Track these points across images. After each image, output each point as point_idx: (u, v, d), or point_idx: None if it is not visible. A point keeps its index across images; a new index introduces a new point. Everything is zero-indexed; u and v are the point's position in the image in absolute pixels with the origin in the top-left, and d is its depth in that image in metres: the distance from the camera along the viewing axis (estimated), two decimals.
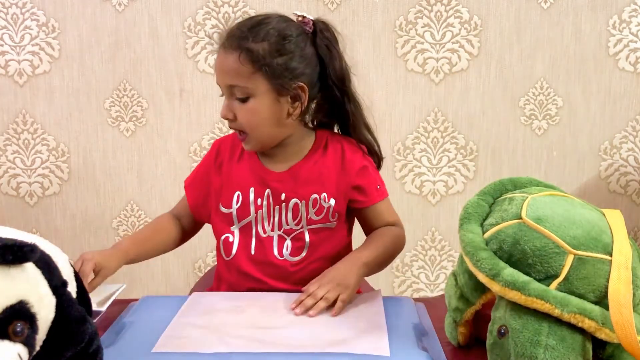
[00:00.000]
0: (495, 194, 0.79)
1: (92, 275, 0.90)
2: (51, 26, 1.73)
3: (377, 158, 1.06)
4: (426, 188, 1.80)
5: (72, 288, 0.63)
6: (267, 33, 0.93)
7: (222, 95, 0.96)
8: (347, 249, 1.05)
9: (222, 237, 1.01)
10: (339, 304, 0.84)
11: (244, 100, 0.92)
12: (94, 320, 0.63)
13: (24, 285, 0.52)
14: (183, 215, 1.08)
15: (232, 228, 1.01)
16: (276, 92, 0.93)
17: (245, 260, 1.00)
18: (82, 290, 0.68)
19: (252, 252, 0.99)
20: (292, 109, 0.95)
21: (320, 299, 0.85)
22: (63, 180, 1.82)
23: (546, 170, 1.79)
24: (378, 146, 1.07)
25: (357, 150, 1.03)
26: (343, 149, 1.01)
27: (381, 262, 0.98)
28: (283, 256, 0.99)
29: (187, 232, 1.10)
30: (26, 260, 0.52)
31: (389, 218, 1.03)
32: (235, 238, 1.00)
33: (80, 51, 1.74)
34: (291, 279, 0.99)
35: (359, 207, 1.01)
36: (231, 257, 1.01)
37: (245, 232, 1.00)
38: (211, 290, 1.10)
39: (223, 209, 1.01)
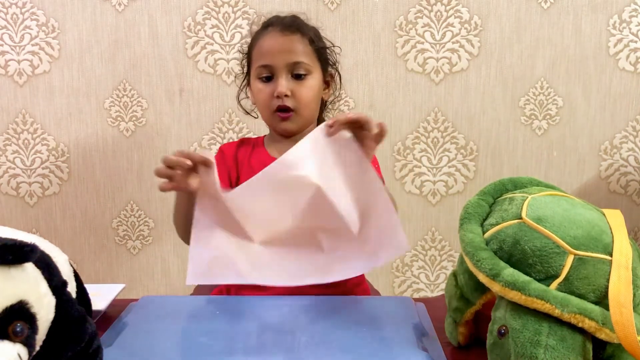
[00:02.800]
0: (496, 194, 0.79)
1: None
2: (51, 26, 1.73)
3: None
4: (426, 188, 1.80)
5: (72, 288, 0.63)
6: (309, 25, 1.07)
7: (267, 78, 1.02)
8: None
9: None
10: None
11: (301, 78, 1.01)
12: (94, 320, 0.63)
13: (24, 285, 0.52)
14: None
15: None
16: (322, 74, 1.06)
17: None
18: (82, 290, 0.68)
19: None
20: (324, 93, 1.09)
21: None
22: (63, 180, 1.82)
23: (546, 170, 1.79)
24: None
25: None
26: None
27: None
28: None
29: None
30: (26, 260, 0.53)
31: None
32: None
33: (80, 51, 1.74)
34: None
35: None
36: None
37: None
38: (220, 290, 1.10)
39: None
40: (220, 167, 1.08)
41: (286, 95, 0.99)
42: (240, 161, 1.10)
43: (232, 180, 1.09)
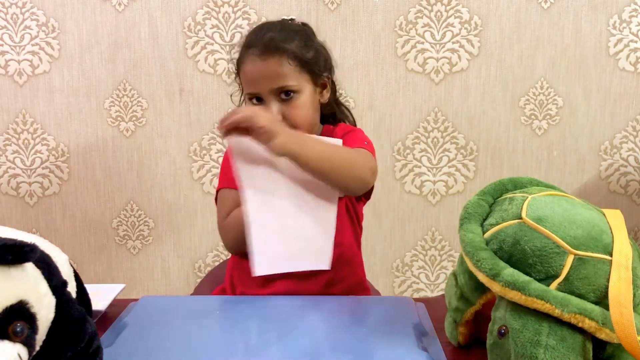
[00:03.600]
0: (496, 194, 0.79)
1: None
2: (51, 26, 1.73)
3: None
4: (426, 188, 1.80)
5: (72, 288, 0.63)
6: (293, 32, 1.01)
7: (256, 101, 0.98)
8: (359, 234, 1.11)
9: None
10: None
11: (290, 98, 0.97)
12: (94, 320, 0.63)
13: (24, 285, 0.52)
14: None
15: None
16: (313, 83, 1.01)
17: None
18: (82, 290, 0.68)
19: None
20: (321, 96, 1.05)
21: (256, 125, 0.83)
22: (63, 180, 1.82)
23: (546, 170, 1.79)
24: (353, 118, 1.18)
25: (355, 128, 1.09)
26: (345, 132, 1.07)
27: (323, 159, 0.89)
28: None
29: None
30: (26, 260, 0.53)
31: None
32: None
33: (80, 51, 1.74)
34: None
35: None
36: None
37: None
38: (223, 289, 1.10)
39: None
40: (229, 169, 1.07)
41: (279, 120, 0.96)
42: None
43: None
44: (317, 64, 1.02)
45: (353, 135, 1.05)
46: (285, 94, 0.97)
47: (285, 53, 0.97)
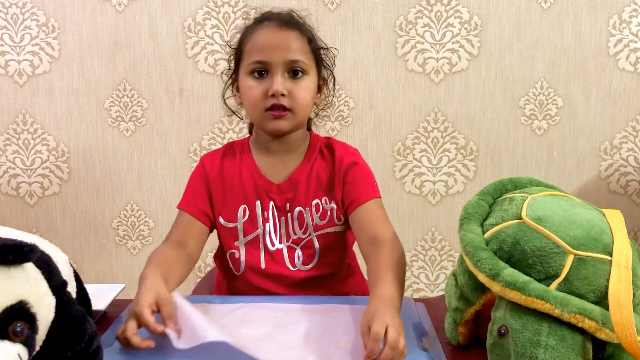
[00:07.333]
0: (495, 194, 0.79)
1: (151, 318, 0.76)
2: (51, 26, 1.73)
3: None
4: (426, 188, 1.80)
5: (72, 288, 0.63)
6: (306, 23, 0.99)
7: (261, 74, 0.93)
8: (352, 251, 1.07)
9: (228, 253, 1.00)
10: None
11: (298, 77, 0.94)
12: (94, 320, 0.63)
13: (24, 285, 0.52)
14: (184, 238, 1.01)
15: (236, 243, 0.99)
16: (318, 75, 0.99)
17: (255, 275, 0.98)
18: (82, 290, 0.68)
19: (263, 267, 0.98)
20: (316, 98, 1.01)
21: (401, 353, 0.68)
22: (63, 180, 1.82)
23: (546, 170, 1.79)
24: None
25: (348, 149, 1.02)
26: (333, 149, 1.01)
27: (402, 292, 0.84)
28: (296, 266, 0.98)
29: (191, 257, 1.00)
30: (26, 260, 0.53)
31: (381, 223, 0.93)
32: (241, 254, 0.99)
33: (80, 51, 1.74)
34: (305, 286, 0.98)
35: (352, 208, 0.95)
36: (240, 272, 0.99)
37: (252, 246, 0.98)
38: (221, 291, 1.09)
39: (225, 223, 0.99)
40: (199, 185, 1.00)
41: (282, 95, 0.91)
42: (226, 176, 1.00)
43: (213, 198, 1.00)
44: (320, 57, 1.00)
45: (362, 177, 0.97)
46: (294, 72, 0.93)
47: (304, 32, 0.96)
